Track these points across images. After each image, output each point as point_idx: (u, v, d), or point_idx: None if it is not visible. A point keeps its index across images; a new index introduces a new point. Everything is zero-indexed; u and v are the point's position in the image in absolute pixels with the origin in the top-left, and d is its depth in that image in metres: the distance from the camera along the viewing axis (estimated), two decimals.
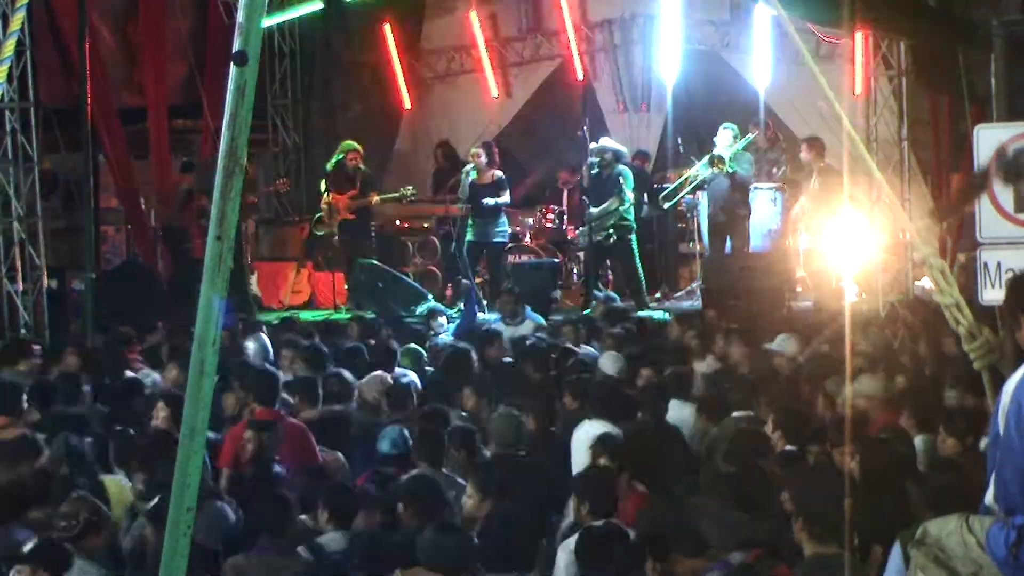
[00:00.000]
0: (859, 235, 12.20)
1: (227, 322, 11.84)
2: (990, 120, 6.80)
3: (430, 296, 14.01)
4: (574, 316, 12.59)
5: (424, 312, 13.11)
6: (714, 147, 14.33)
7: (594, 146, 13.96)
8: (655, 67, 16.44)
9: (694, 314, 12.44)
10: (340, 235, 14.59)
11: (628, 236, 13.87)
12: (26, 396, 8.37)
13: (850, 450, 6.02)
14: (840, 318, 10.05)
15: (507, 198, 14.25)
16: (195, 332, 3.46)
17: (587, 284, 14.09)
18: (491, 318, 12.57)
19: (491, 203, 14.07)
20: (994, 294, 6.12)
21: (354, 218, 14.58)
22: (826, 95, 4.45)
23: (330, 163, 14.82)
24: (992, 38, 6.68)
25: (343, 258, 14.61)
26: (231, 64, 3.38)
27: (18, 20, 12.04)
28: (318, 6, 14.06)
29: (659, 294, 14.88)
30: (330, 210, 14.63)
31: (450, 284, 15.02)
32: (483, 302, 13.95)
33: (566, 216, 15.30)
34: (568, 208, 15.35)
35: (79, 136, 13.12)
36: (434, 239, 15.51)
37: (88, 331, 12.38)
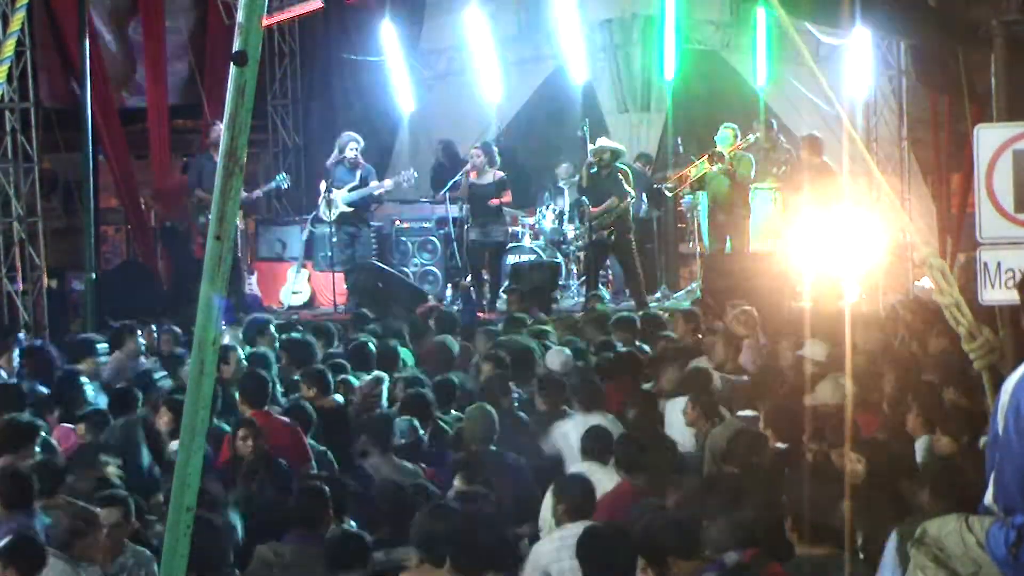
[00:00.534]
0: (859, 235, 12.18)
1: (228, 319, 11.89)
2: (990, 120, 6.78)
3: (430, 296, 14.00)
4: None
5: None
6: (715, 146, 14.34)
7: (593, 147, 13.97)
8: (655, 67, 16.45)
9: (694, 314, 12.42)
10: (338, 231, 14.52)
11: (628, 234, 13.87)
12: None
13: (850, 450, 6.01)
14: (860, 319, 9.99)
15: (507, 198, 14.25)
16: (195, 332, 3.46)
17: (587, 284, 14.09)
18: None
19: (491, 203, 14.06)
20: (994, 294, 6.08)
21: (352, 211, 14.53)
22: (826, 95, 4.46)
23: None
24: (992, 38, 6.67)
25: (343, 257, 14.55)
26: (231, 64, 3.38)
27: (18, 20, 12.05)
28: (318, 6, 14.06)
29: (659, 294, 14.88)
30: (328, 204, 14.55)
31: (450, 284, 15.01)
32: (483, 302, 13.95)
33: (566, 216, 15.30)
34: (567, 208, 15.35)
35: (79, 136, 13.13)
36: (434, 239, 15.50)
37: (88, 331, 12.36)
